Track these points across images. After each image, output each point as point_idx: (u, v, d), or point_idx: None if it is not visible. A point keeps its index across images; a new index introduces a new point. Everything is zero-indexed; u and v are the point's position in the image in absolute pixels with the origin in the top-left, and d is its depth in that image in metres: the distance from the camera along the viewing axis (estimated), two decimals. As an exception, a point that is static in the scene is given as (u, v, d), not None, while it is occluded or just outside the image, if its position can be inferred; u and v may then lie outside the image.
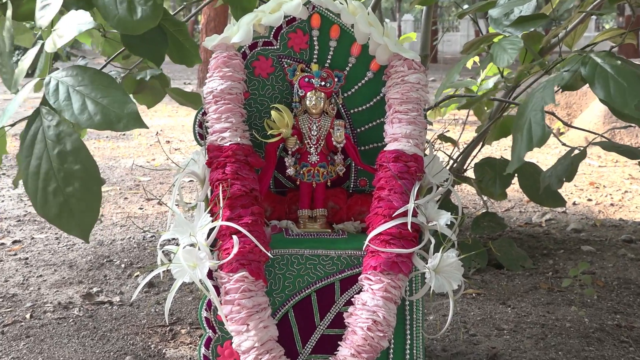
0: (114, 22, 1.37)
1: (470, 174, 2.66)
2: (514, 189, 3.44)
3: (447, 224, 1.38)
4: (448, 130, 2.26)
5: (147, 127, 1.11)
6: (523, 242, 2.70)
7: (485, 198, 2.58)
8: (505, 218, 3.07)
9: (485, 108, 2.71)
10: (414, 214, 1.36)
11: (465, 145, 2.66)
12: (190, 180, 3.72)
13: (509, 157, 2.92)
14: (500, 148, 4.83)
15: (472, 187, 2.64)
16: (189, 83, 10.21)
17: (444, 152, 2.40)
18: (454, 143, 2.54)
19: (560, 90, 1.49)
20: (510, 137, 2.79)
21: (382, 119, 1.56)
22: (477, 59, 2.68)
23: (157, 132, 5.65)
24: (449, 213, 1.38)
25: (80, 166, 1.18)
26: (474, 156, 2.58)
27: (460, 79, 3.01)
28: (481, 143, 2.59)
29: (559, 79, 1.46)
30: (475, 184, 2.41)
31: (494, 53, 1.80)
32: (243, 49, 1.53)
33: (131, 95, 2.31)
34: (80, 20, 1.29)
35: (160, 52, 1.63)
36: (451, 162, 2.53)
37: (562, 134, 5.08)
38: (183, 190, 3.54)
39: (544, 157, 4.53)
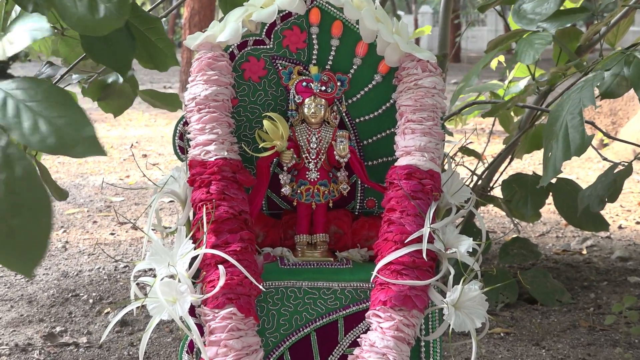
0: (72, 22, 1.38)
1: (497, 192, 2.66)
2: (549, 210, 3.44)
3: (469, 252, 1.38)
4: (471, 142, 2.28)
5: (106, 154, 1.12)
6: (560, 273, 2.71)
7: (515, 221, 2.59)
8: (539, 244, 3.08)
9: (513, 115, 2.73)
10: (430, 240, 1.37)
11: (491, 159, 2.67)
12: (170, 201, 3.73)
13: (542, 173, 2.92)
14: (533, 162, 4.84)
15: (499, 208, 2.65)
16: (170, 87, 10.26)
17: (466, 167, 2.42)
18: (478, 157, 2.55)
19: (600, 97, 1.50)
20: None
21: (392, 130, 1.58)
22: (502, 58, 2.69)
23: (132, 145, 5.67)
24: (471, 239, 1.39)
25: (31, 195, 1.18)
26: (502, 172, 2.60)
27: (484, 81, 3.03)
28: (510, 157, 2.60)
29: (599, 78, 1.47)
30: (503, 204, 2.42)
31: (518, 49, 1.82)
32: (231, 49, 1.55)
33: (96, 103, 2.32)
34: (35, 27, 1.30)
35: (126, 59, 1.64)
36: (474, 178, 2.54)
37: (605, 145, 5.09)
38: (161, 213, 3.56)
39: (584, 172, 4.54)
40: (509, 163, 2.64)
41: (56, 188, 2.00)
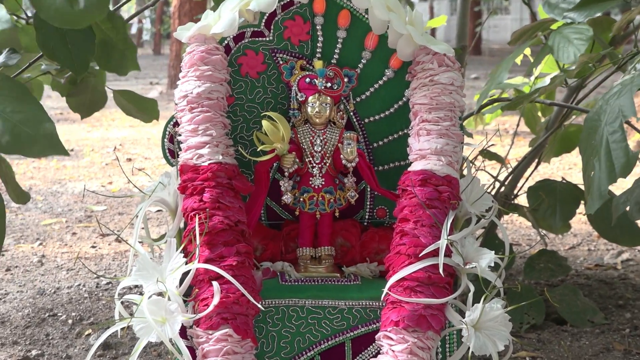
0: (49, 14, 1.39)
1: (522, 200, 2.66)
2: (580, 220, 3.44)
3: (490, 266, 1.39)
4: (493, 144, 2.28)
5: (68, 154, 1.13)
6: (592, 290, 2.71)
7: (542, 232, 2.59)
8: (569, 258, 3.08)
9: (540, 115, 2.73)
10: (447, 253, 1.38)
11: (515, 164, 2.67)
12: (158, 210, 3.74)
13: (572, 179, 2.91)
14: (562, 167, 4.84)
15: (524, 218, 2.65)
16: (157, 82, 10.27)
17: (488, 173, 2.42)
18: (501, 161, 2.56)
19: None
20: (574, 153, 2.81)
21: (405, 131, 1.58)
22: (528, 51, 2.69)
23: (115, 148, 5.68)
24: (493, 252, 1.40)
25: None
26: (527, 178, 2.60)
27: (510, 76, 3.02)
28: (536, 161, 2.61)
29: (639, 81, 1.45)
30: (528, 213, 2.42)
31: (554, 45, 1.81)
32: (226, 42, 1.56)
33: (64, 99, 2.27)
34: None
35: (84, 59, 1.64)
36: (497, 185, 2.54)
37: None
38: (149, 224, 3.55)
39: (620, 178, 4.53)
40: (536, 167, 2.64)
41: (15, 189, 1.99)
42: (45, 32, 1.56)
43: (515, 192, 2.59)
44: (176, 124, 1.52)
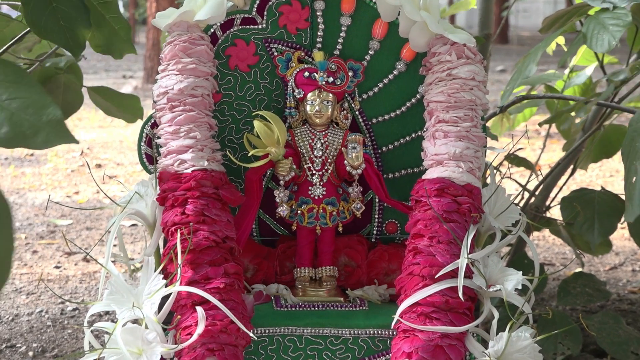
0: None
1: (555, 213, 2.67)
2: (623, 235, 3.44)
3: (517, 289, 1.39)
4: (521, 148, 2.28)
5: (77, 142, 1.14)
6: (636, 317, 2.71)
7: (578, 250, 2.59)
8: (610, 280, 3.08)
9: (573, 115, 2.73)
10: (468, 274, 1.38)
11: (547, 170, 2.67)
12: (133, 225, 3.74)
13: (613, 188, 2.91)
14: (602, 174, 4.85)
15: (557, 235, 2.65)
16: (131, 76, 10.27)
17: (515, 181, 2.43)
18: (530, 167, 2.56)
19: None
20: (615, 158, 2.81)
21: (419, 133, 1.59)
22: (561, 40, 2.70)
23: (83, 152, 5.69)
24: (521, 273, 1.40)
25: None
26: (561, 187, 2.61)
27: (541, 70, 3.03)
28: (571, 167, 2.61)
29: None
30: (562, 228, 2.42)
31: (587, 32, 1.83)
32: (213, 30, 1.57)
33: None
34: None
35: (80, 35, 1.65)
36: (525, 195, 2.55)
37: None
38: (125, 239, 3.55)
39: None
40: (571, 175, 2.64)
41: None
42: (34, 7, 1.57)
43: (547, 203, 2.59)
44: (154, 125, 1.53)
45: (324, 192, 1.55)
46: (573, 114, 2.76)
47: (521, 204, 2.49)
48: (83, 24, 1.65)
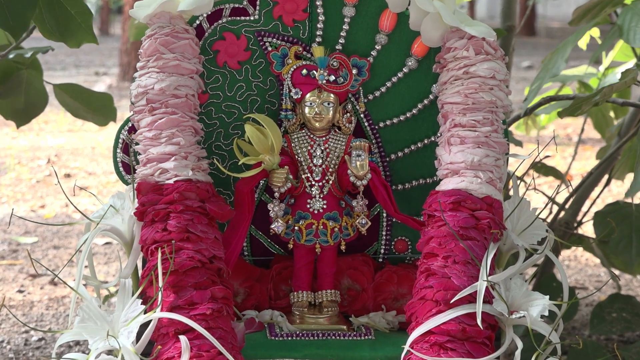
0: None
1: (588, 230, 2.67)
2: (666, 255, 3.44)
3: (544, 316, 1.40)
4: (548, 156, 2.28)
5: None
6: (681, 348, 2.71)
7: (614, 271, 2.59)
8: (651, 306, 3.08)
9: (613, 116, 2.73)
10: (488, 299, 1.39)
11: (579, 181, 2.67)
12: (107, 244, 3.74)
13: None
14: (643, 185, 4.84)
15: (590, 253, 2.66)
16: (105, 73, 10.26)
17: (542, 193, 2.43)
18: (560, 177, 2.57)
19: None
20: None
21: (432, 139, 1.60)
22: (596, 32, 2.71)
23: (49, 160, 5.68)
24: (548, 297, 1.41)
25: None
26: (594, 200, 2.61)
27: (572, 65, 3.03)
28: (606, 177, 2.61)
29: None
30: (595, 246, 2.42)
31: (623, 24, 1.83)
32: (198, 22, 1.58)
33: None
34: None
35: (23, 15, 1.64)
36: (554, 209, 2.55)
37: None
38: (95, 260, 3.54)
39: None
40: (605, 186, 2.64)
41: None
42: None
43: (578, 218, 2.59)
44: (132, 130, 1.53)
45: (325, 206, 1.56)
46: (612, 114, 2.75)
47: (549, 219, 2.49)
48: (27, 2, 1.64)
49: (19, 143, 6.25)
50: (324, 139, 1.56)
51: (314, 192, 1.56)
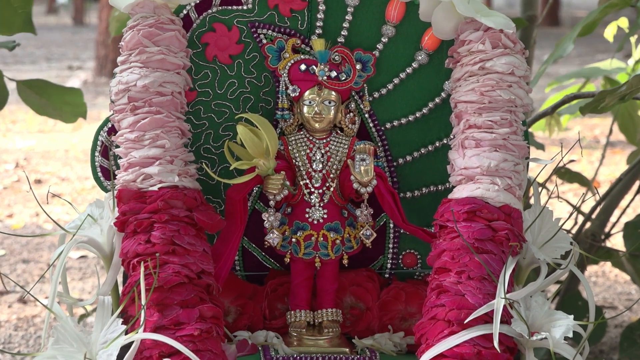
0: None
1: (617, 242, 2.67)
2: None
3: (568, 338, 1.40)
4: (573, 160, 2.28)
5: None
6: None
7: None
8: (687, 327, 3.08)
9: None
10: (506, 319, 1.39)
11: (607, 188, 2.68)
12: (82, 257, 3.75)
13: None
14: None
15: (619, 269, 2.66)
16: (79, 67, 10.25)
17: (566, 201, 2.43)
18: (586, 184, 2.57)
19: None
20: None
21: (444, 141, 1.61)
22: (624, 22, 2.71)
23: (18, 164, 5.68)
24: (572, 317, 1.41)
25: None
26: (625, 209, 2.61)
27: (600, 58, 3.03)
28: (638, 184, 2.62)
29: None
30: (626, 261, 2.43)
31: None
32: (186, 11, 1.58)
33: None
34: None
35: None
36: (579, 219, 2.56)
37: None
38: (70, 276, 3.53)
39: None
40: (637, 194, 2.65)
41: None
42: None
43: (606, 230, 2.60)
44: (112, 131, 1.54)
45: (325, 216, 1.56)
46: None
47: (574, 231, 2.50)
48: None
49: (-18, 145, 6.23)
50: (324, 141, 1.57)
51: (313, 200, 1.56)
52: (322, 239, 1.56)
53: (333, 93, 1.56)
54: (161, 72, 1.50)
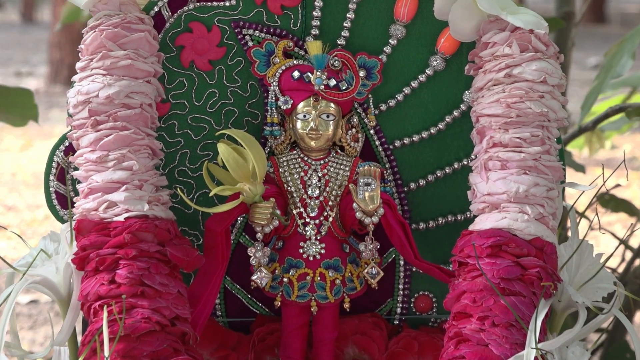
0: None
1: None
2: None
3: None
4: (619, 185, 2.28)
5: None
6: None
7: None
8: None
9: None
10: (538, 374, 1.40)
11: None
12: (33, 302, 3.75)
13: None
14: None
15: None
16: (29, 73, 10.26)
17: (610, 233, 2.44)
18: (634, 213, 2.58)
19: None
20: None
21: (464, 162, 1.62)
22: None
23: (-44, 188, 5.70)
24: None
25: None
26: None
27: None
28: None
29: None
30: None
31: None
32: (157, 8, 1.59)
33: None
34: None
35: None
36: (627, 255, 2.56)
37: None
38: (19, 324, 3.53)
39: None
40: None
41: None
42: None
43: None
44: (70, 150, 1.55)
45: (323, 251, 1.57)
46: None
47: (620, 269, 2.51)
48: None
49: None
50: (321, 162, 1.58)
51: (308, 233, 1.57)
52: (319, 278, 1.56)
53: (332, 105, 1.56)
54: (128, 80, 1.50)
